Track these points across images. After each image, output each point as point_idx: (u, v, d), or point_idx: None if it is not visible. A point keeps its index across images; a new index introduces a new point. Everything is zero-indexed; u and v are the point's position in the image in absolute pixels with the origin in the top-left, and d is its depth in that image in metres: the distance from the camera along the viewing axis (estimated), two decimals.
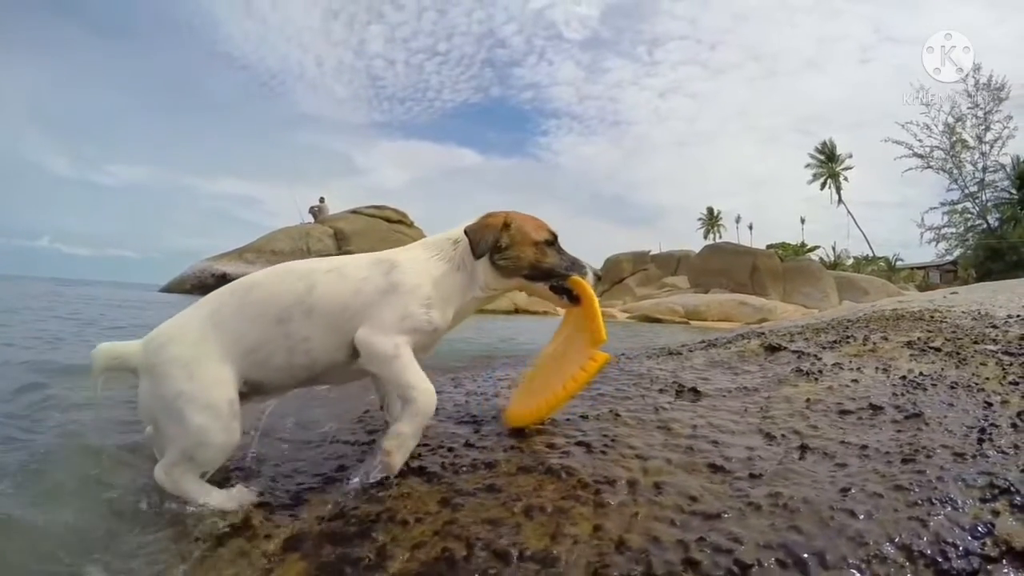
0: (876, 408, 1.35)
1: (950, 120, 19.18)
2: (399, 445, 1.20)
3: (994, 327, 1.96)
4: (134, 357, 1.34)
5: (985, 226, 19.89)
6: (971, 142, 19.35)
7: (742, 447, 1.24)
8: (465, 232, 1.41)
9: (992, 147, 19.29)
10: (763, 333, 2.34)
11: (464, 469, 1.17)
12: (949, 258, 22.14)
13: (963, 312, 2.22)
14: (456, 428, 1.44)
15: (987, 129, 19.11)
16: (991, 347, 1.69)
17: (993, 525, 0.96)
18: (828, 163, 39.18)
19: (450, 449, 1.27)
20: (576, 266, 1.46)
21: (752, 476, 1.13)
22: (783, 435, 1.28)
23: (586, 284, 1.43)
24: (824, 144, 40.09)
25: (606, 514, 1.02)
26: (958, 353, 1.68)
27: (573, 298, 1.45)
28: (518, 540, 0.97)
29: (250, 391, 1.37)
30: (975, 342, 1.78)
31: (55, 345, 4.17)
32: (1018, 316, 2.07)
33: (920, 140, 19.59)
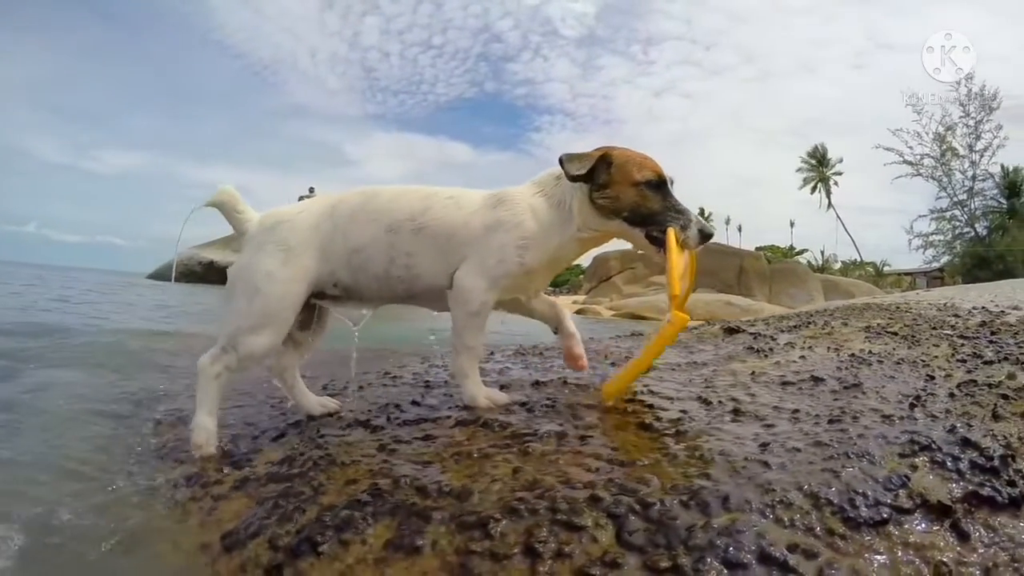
0: (817, 380, 1.31)
1: (940, 129, 18.10)
2: (476, 396, 1.27)
3: (956, 316, 1.86)
4: (248, 223, 1.34)
5: (973, 234, 18.38)
6: (961, 151, 17.88)
7: (676, 410, 1.22)
8: (559, 159, 1.28)
9: (982, 156, 17.89)
10: (729, 322, 2.28)
11: (406, 422, 1.19)
12: (937, 265, 20.70)
13: (930, 304, 2.11)
14: (408, 390, 1.46)
15: (978, 138, 17.71)
16: (948, 332, 1.60)
17: (908, 478, 0.91)
18: (819, 167, 37.46)
19: (397, 406, 1.29)
20: (682, 217, 1.25)
21: (678, 433, 1.11)
22: (720, 401, 1.26)
23: (674, 239, 1.21)
24: (815, 148, 38.54)
25: (528, 460, 1.03)
26: (913, 336, 1.59)
27: None
28: (441, 479, 0.98)
29: (343, 295, 1.34)
30: (933, 328, 1.69)
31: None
32: (982, 308, 1.95)
33: (911, 147, 18.10)
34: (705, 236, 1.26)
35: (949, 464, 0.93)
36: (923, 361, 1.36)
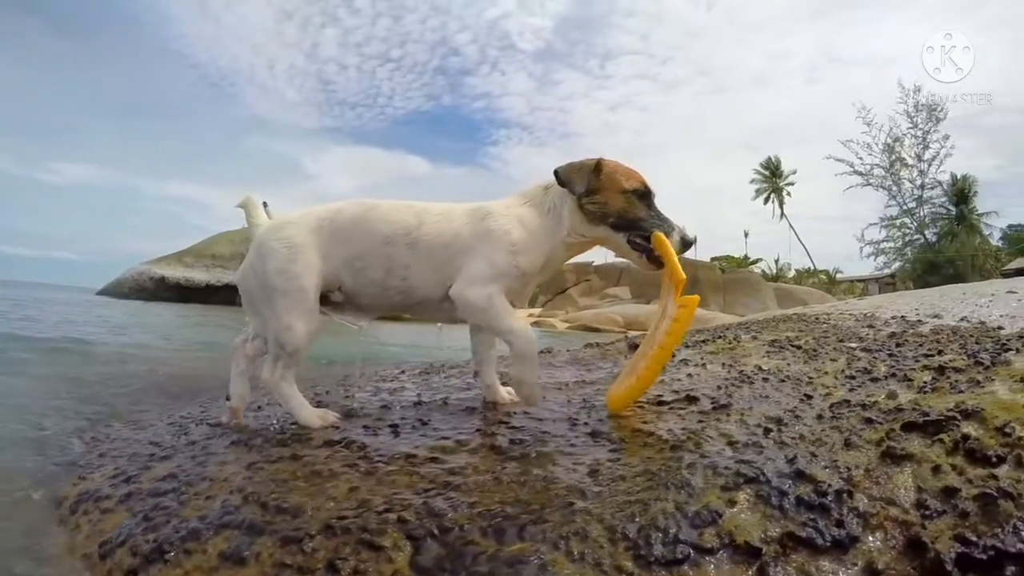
0: (692, 399, 1.17)
1: (889, 140, 17.54)
2: (522, 390, 1.22)
3: (871, 327, 1.60)
4: (258, 228, 1.35)
5: (923, 240, 18.15)
6: (910, 160, 17.66)
7: (536, 431, 1.13)
8: (555, 172, 1.26)
9: (930, 165, 17.67)
10: (636, 337, 2.05)
11: (281, 443, 1.18)
12: (888, 271, 20.00)
13: (851, 314, 1.83)
14: None
15: (925, 148, 17.43)
16: (853, 344, 1.38)
17: (720, 515, 0.79)
18: (772, 178, 35.26)
19: (281, 426, 1.28)
20: (665, 224, 1.23)
21: (522, 456, 1.03)
22: (585, 423, 1.16)
23: (665, 239, 1.19)
24: (769, 160, 36.06)
25: (369, 479, 1.00)
26: (815, 350, 1.39)
27: (653, 258, 1.22)
28: (286, 496, 0.97)
29: (346, 301, 1.33)
30: (840, 340, 1.47)
31: None
32: (901, 317, 1.66)
33: (861, 158, 17.78)
34: (686, 244, 1.23)
35: (774, 500, 0.80)
36: (810, 378, 1.18)
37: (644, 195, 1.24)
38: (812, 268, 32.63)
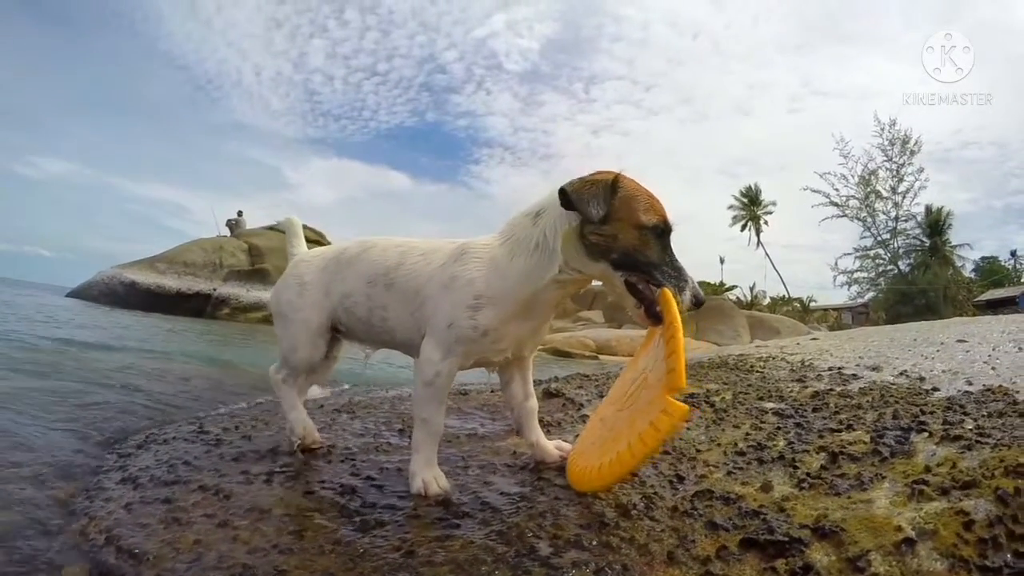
0: (561, 471, 1.04)
1: (865, 173, 17.92)
2: (416, 475, 1.09)
3: (800, 381, 1.36)
4: (295, 257, 1.47)
5: (896, 271, 18.49)
6: (885, 193, 18.06)
7: (390, 494, 1.08)
8: (563, 190, 1.00)
9: (905, 197, 18.04)
10: (552, 383, 1.77)
11: (164, 483, 1.22)
12: (861, 300, 20.15)
13: (789, 362, 1.52)
14: (190, 446, 1.46)
15: (900, 181, 17.81)
16: (771, 405, 1.17)
17: None
18: (750, 206, 34.27)
19: (171, 466, 1.31)
20: (678, 277, 1.00)
21: (363, 523, 1.01)
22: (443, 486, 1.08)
23: (674, 303, 0.97)
24: (749, 188, 35.04)
25: (216, 533, 1.04)
26: (725, 411, 1.21)
27: (653, 313, 1.00)
28: (142, 540, 1.03)
29: (345, 333, 1.37)
30: (760, 398, 1.25)
31: None
32: (839, 369, 1.35)
33: (837, 189, 18.26)
34: (698, 303, 1.01)
35: None
36: (697, 451, 1.10)
37: (662, 233, 1.00)
38: (786, 296, 32.62)
